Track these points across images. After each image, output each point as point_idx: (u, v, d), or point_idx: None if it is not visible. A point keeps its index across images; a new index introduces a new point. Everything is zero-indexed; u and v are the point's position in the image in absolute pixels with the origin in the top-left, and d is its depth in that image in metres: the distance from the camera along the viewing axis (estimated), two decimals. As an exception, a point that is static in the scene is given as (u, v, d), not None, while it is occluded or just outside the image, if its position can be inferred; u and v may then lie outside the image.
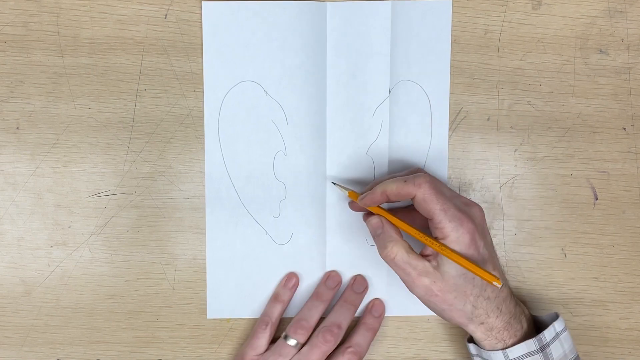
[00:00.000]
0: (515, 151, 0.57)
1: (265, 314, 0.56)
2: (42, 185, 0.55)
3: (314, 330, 0.55)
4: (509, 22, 0.56)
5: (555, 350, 0.50)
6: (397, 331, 0.59)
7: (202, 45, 0.55)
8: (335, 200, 0.56)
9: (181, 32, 0.55)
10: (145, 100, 0.55)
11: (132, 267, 0.56)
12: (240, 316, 0.57)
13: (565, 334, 0.51)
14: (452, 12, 0.56)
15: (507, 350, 0.50)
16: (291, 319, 0.56)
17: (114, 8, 0.54)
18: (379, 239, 0.51)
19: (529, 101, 0.57)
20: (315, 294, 0.56)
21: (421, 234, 0.49)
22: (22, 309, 0.56)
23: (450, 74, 0.56)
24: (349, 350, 0.55)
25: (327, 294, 0.56)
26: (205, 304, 0.57)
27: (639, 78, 0.57)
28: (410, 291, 0.50)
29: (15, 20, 0.54)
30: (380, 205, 0.52)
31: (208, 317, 0.57)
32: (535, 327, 0.53)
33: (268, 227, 0.56)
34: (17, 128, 0.55)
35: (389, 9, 0.55)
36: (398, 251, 0.49)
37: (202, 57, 0.55)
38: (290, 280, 0.56)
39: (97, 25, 0.54)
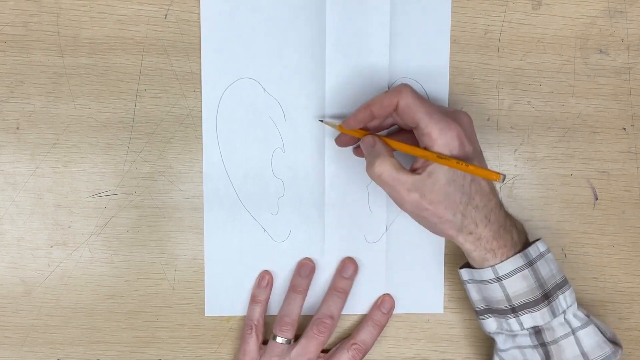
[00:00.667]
0: (515, 151, 0.57)
1: (247, 318, 0.56)
2: (42, 185, 0.55)
3: (307, 322, 0.55)
4: (509, 22, 0.56)
5: (543, 267, 0.50)
6: (397, 331, 0.59)
7: (201, 43, 0.55)
8: (334, 198, 0.56)
9: (181, 32, 0.55)
10: (145, 100, 0.55)
11: (132, 267, 0.56)
12: (238, 314, 0.57)
13: (549, 256, 0.51)
14: (452, 12, 0.56)
15: (497, 266, 0.49)
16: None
17: (114, 8, 0.54)
18: (369, 157, 0.50)
19: (529, 101, 0.57)
20: (292, 287, 0.56)
21: (412, 147, 0.48)
22: (22, 309, 0.56)
23: (450, 74, 0.56)
24: (354, 346, 0.55)
25: (302, 284, 0.56)
26: (204, 304, 0.57)
27: (639, 78, 0.57)
28: (400, 208, 0.49)
29: (15, 20, 0.54)
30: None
31: (206, 314, 0.57)
32: None
33: (266, 225, 0.56)
34: (17, 128, 0.55)
35: (388, 6, 0.55)
36: (385, 168, 0.48)
37: (200, 56, 0.55)
38: (264, 279, 0.56)
39: (97, 25, 0.54)
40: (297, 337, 0.56)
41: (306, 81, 0.55)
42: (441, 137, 0.47)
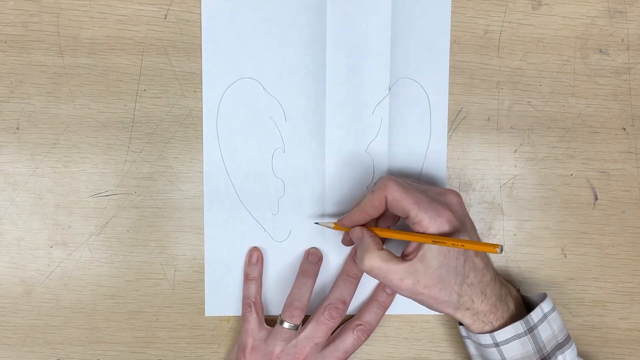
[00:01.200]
0: (515, 151, 0.57)
1: (244, 296, 0.56)
2: (42, 186, 0.55)
3: (316, 307, 0.56)
4: (509, 22, 0.56)
5: (544, 331, 0.50)
6: (397, 331, 0.58)
7: (201, 43, 0.55)
8: (334, 198, 0.56)
9: (181, 32, 0.55)
10: (145, 100, 0.55)
11: (132, 267, 0.56)
12: (239, 314, 0.57)
13: (554, 315, 0.51)
14: (452, 12, 0.56)
15: (495, 333, 0.50)
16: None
17: (114, 8, 0.54)
18: (359, 250, 0.51)
19: (529, 101, 0.57)
20: (301, 272, 0.56)
21: (401, 233, 0.50)
22: (22, 309, 0.56)
23: (450, 74, 0.56)
24: (359, 327, 0.55)
25: (312, 269, 0.56)
26: (204, 304, 0.57)
27: (639, 78, 0.57)
28: (397, 293, 0.51)
29: (15, 20, 0.54)
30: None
31: (206, 315, 0.57)
32: (526, 307, 0.53)
33: (266, 225, 0.56)
34: (17, 128, 0.55)
35: (389, 6, 0.55)
36: (374, 262, 0.49)
37: (201, 56, 0.55)
38: (252, 256, 0.56)
39: (97, 25, 0.54)
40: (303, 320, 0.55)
41: (307, 81, 0.55)
42: (432, 225, 0.48)
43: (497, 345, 0.50)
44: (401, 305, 0.58)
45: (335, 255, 0.57)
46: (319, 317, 0.54)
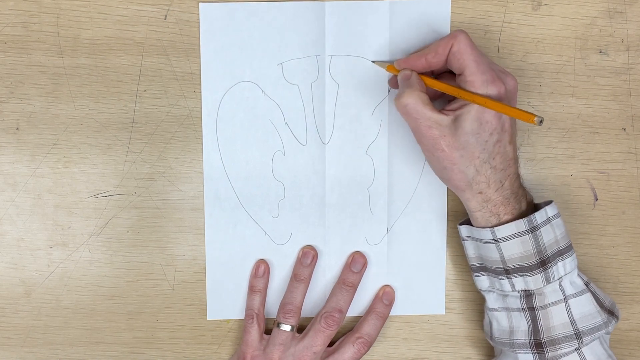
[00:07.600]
0: (515, 152, 0.57)
1: (247, 308, 0.56)
2: (41, 186, 0.55)
3: (315, 314, 0.56)
4: (509, 22, 0.56)
5: (546, 234, 0.50)
6: (397, 332, 0.59)
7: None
8: (334, 200, 0.56)
9: (181, 33, 0.55)
10: (145, 100, 0.55)
11: (131, 268, 0.56)
12: (240, 317, 0.57)
13: (557, 221, 0.51)
14: (452, 12, 0.56)
15: (495, 228, 0.49)
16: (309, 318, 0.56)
17: (113, 8, 0.54)
18: (400, 89, 0.50)
19: (529, 102, 0.57)
20: (294, 275, 0.56)
21: (445, 85, 0.49)
22: (22, 309, 0.56)
23: (450, 75, 0.56)
24: (360, 340, 0.55)
25: (304, 273, 0.56)
26: (205, 305, 0.57)
27: (638, 78, 0.57)
28: (418, 142, 0.50)
29: (15, 20, 0.54)
30: None
31: (208, 318, 0.57)
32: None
33: (267, 228, 0.56)
34: (17, 128, 0.55)
35: (387, 9, 0.55)
36: (411, 99, 0.48)
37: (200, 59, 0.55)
38: (259, 268, 0.56)
39: (97, 26, 0.54)
40: (300, 329, 0.56)
41: (305, 84, 0.55)
42: (482, 88, 0.47)
43: (496, 241, 0.50)
44: (403, 307, 0.58)
45: (335, 257, 0.57)
46: (316, 325, 0.55)
